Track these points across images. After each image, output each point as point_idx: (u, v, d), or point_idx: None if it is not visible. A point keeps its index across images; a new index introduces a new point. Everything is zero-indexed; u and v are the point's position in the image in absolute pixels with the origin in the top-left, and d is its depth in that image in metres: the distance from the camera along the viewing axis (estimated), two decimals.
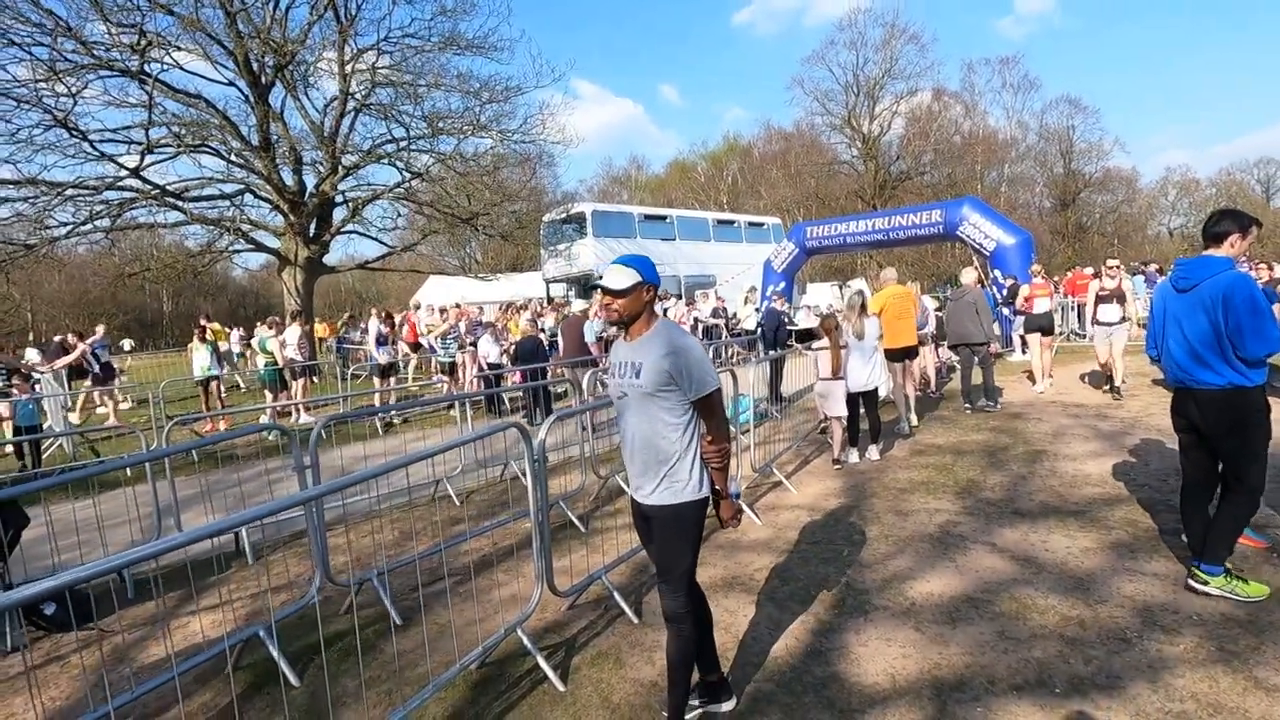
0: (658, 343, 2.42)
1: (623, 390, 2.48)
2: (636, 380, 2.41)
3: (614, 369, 2.54)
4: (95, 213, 13.59)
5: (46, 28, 12.06)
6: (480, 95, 16.48)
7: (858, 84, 45.05)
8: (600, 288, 2.41)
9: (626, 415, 2.50)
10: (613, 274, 2.40)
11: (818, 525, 4.92)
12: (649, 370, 2.39)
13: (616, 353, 2.56)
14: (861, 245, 19.09)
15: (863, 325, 6.51)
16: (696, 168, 57.03)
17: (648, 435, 2.45)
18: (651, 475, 2.47)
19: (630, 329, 2.47)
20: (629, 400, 2.47)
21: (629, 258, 2.46)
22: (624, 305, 2.41)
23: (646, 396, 2.41)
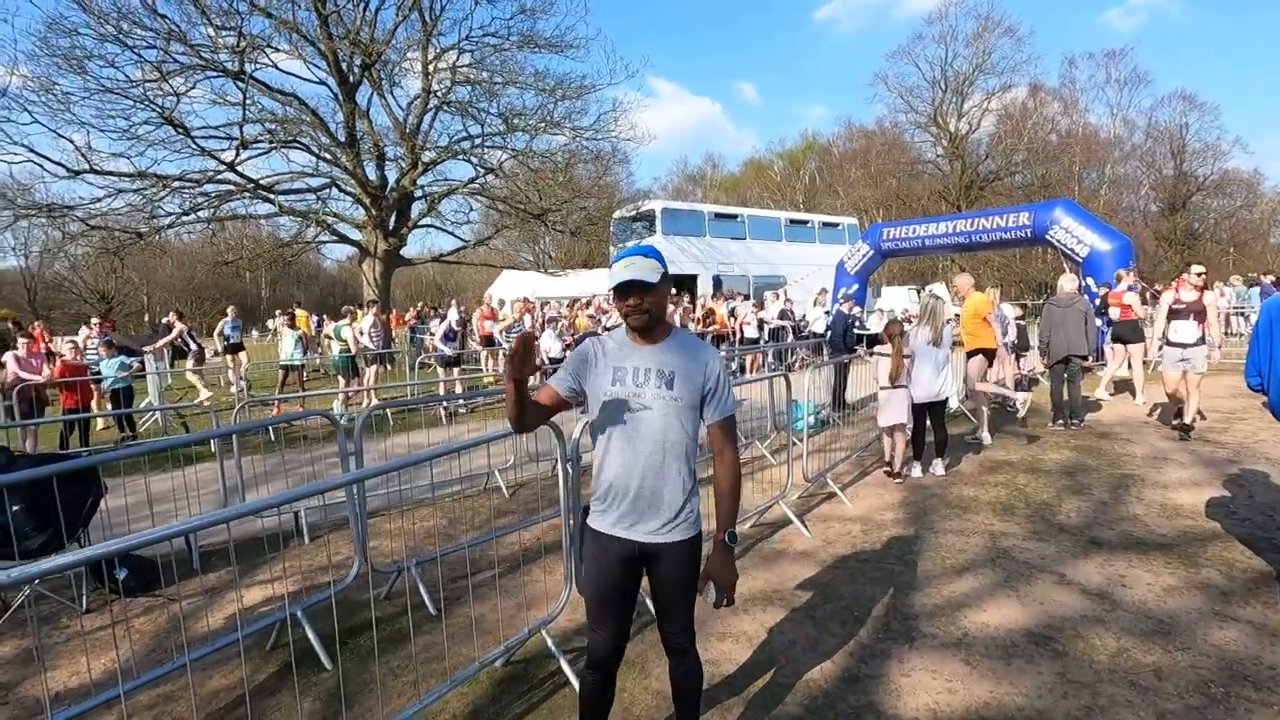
0: (689, 349, 2.13)
1: (643, 402, 2.07)
2: (668, 391, 2.06)
3: (624, 374, 2.10)
4: (197, 204, 14.56)
5: (159, 32, 13.00)
6: (554, 93, 16.69)
7: (946, 80, 43.18)
8: (624, 284, 2.01)
9: (638, 431, 2.07)
10: (638, 266, 2.02)
11: (869, 541, 4.67)
12: (685, 380, 2.07)
13: (624, 356, 2.13)
14: (941, 248, 18.23)
15: (937, 331, 6.16)
16: (773, 166, 56.12)
17: (676, 457, 2.09)
18: (668, 506, 2.09)
19: (651, 331, 2.11)
20: (650, 415, 2.07)
21: (647, 247, 2.12)
22: (656, 302, 2.05)
23: (681, 411, 2.07)
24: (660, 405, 2.07)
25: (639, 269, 2.02)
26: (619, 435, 2.10)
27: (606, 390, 2.11)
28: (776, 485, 5.66)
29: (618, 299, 2.07)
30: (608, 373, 2.13)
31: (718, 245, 21.56)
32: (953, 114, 43.71)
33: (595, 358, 2.16)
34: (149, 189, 13.80)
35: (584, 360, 2.18)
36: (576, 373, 2.16)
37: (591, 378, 2.15)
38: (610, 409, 2.11)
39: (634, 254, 2.07)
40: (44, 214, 14.04)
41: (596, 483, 2.17)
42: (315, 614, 3.50)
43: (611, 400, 2.10)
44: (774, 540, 4.76)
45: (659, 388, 2.07)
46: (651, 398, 2.07)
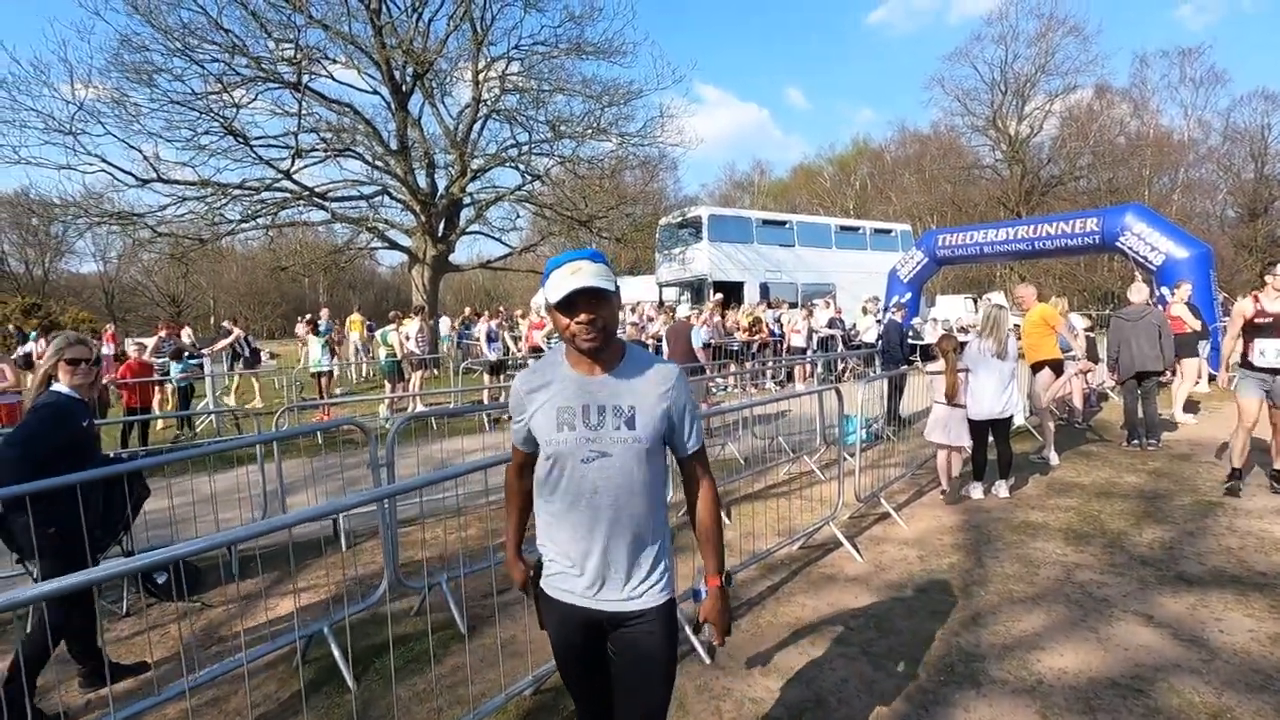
0: (648, 373, 1.73)
1: (599, 448, 1.67)
2: (629, 431, 1.67)
3: (572, 416, 1.69)
4: (256, 211, 15.02)
5: (222, 45, 13.47)
6: (601, 99, 16.68)
7: (1005, 82, 41.75)
8: (572, 295, 1.60)
9: (596, 487, 1.69)
10: (588, 271, 1.60)
11: (927, 568, 4.34)
12: (648, 415, 1.69)
13: (569, 391, 1.71)
14: (1001, 256, 17.46)
15: (1000, 342, 5.77)
16: (822, 172, 55.20)
17: (639, 510, 1.72)
18: (637, 566, 1.74)
19: (604, 354, 1.69)
20: (609, 465, 1.68)
21: (590, 250, 1.70)
22: (610, 317, 1.65)
23: (646, 453, 1.70)
24: (621, 450, 1.68)
25: (590, 274, 1.59)
26: (571, 494, 1.71)
27: (551, 439, 1.70)
28: (826, 504, 5.38)
29: (560, 314, 1.63)
30: (550, 415, 1.71)
31: (765, 252, 21.17)
32: (1013, 117, 42.20)
33: (532, 396, 1.75)
34: (211, 197, 14.30)
35: (519, 407, 1.79)
36: (524, 426, 1.80)
37: (532, 422, 1.75)
38: (558, 462, 1.71)
39: (577, 257, 1.66)
40: (115, 221, 14.70)
41: (546, 545, 1.82)
42: (344, 629, 3.40)
43: (559, 452, 1.69)
44: (823, 564, 4.48)
45: (618, 428, 1.68)
46: (610, 442, 1.67)
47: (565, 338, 1.67)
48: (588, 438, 1.68)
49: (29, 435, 3.00)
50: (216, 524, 5.15)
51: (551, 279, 1.64)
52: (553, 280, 1.63)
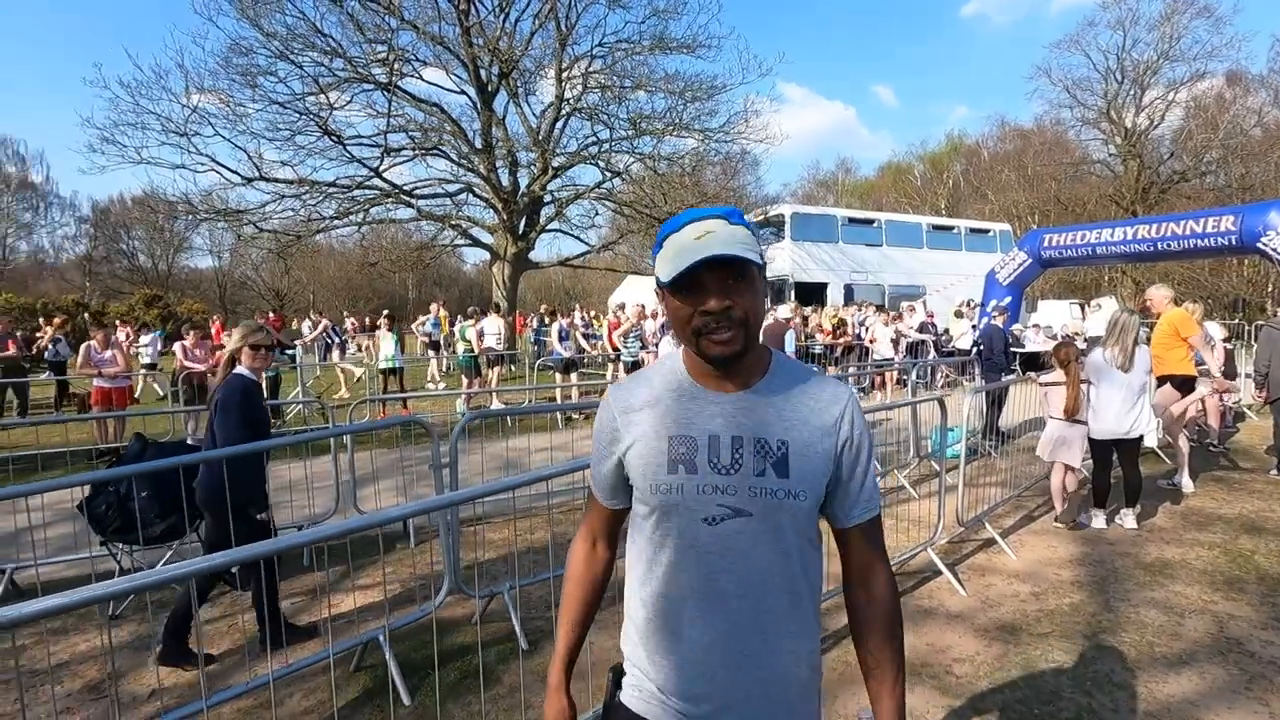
0: (811, 392, 1.17)
1: (732, 504, 1.11)
2: (779, 480, 1.10)
3: (691, 450, 1.13)
4: (347, 208, 15.60)
5: (321, 49, 14.03)
6: (684, 94, 16.38)
7: (1122, 70, 38.49)
8: (699, 267, 1.04)
9: (724, 565, 1.13)
10: (722, 237, 1.05)
11: (1043, 607, 3.81)
12: (806, 454, 1.12)
13: (686, 413, 1.15)
14: (1116, 257, 15.97)
15: (1130, 354, 5.09)
16: (912, 170, 52.84)
17: (796, 604, 1.16)
18: (785, 695, 1.16)
19: (741, 362, 1.13)
20: (745, 530, 1.11)
21: (729, 209, 1.14)
22: (752, 304, 1.09)
23: (802, 516, 1.13)
24: (767, 509, 1.11)
25: (726, 239, 1.05)
26: (681, 572, 1.14)
27: (658, 483, 1.13)
28: (921, 525, 4.88)
29: (677, 299, 1.09)
30: (657, 448, 1.14)
31: (851, 252, 20.29)
32: (1129, 108, 38.85)
33: (631, 419, 1.19)
34: (307, 194, 14.95)
35: (610, 435, 1.22)
36: (612, 465, 1.23)
37: (628, 458, 1.19)
38: (664, 520, 1.14)
39: (706, 215, 1.09)
40: (222, 218, 15.60)
41: (632, 653, 1.24)
42: (403, 636, 3.26)
43: (668, 504, 1.13)
44: (919, 595, 4.02)
45: (761, 473, 1.10)
46: (749, 495, 1.10)
47: (684, 336, 1.11)
48: (715, 485, 1.10)
49: (247, 413, 3.39)
50: (291, 512, 5.20)
51: (666, 247, 1.09)
52: (669, 248, 1.08)
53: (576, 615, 1.33)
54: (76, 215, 48.44)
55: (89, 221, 48.50)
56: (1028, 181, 41.81)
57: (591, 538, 1.34)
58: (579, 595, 1.33)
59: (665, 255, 1.10)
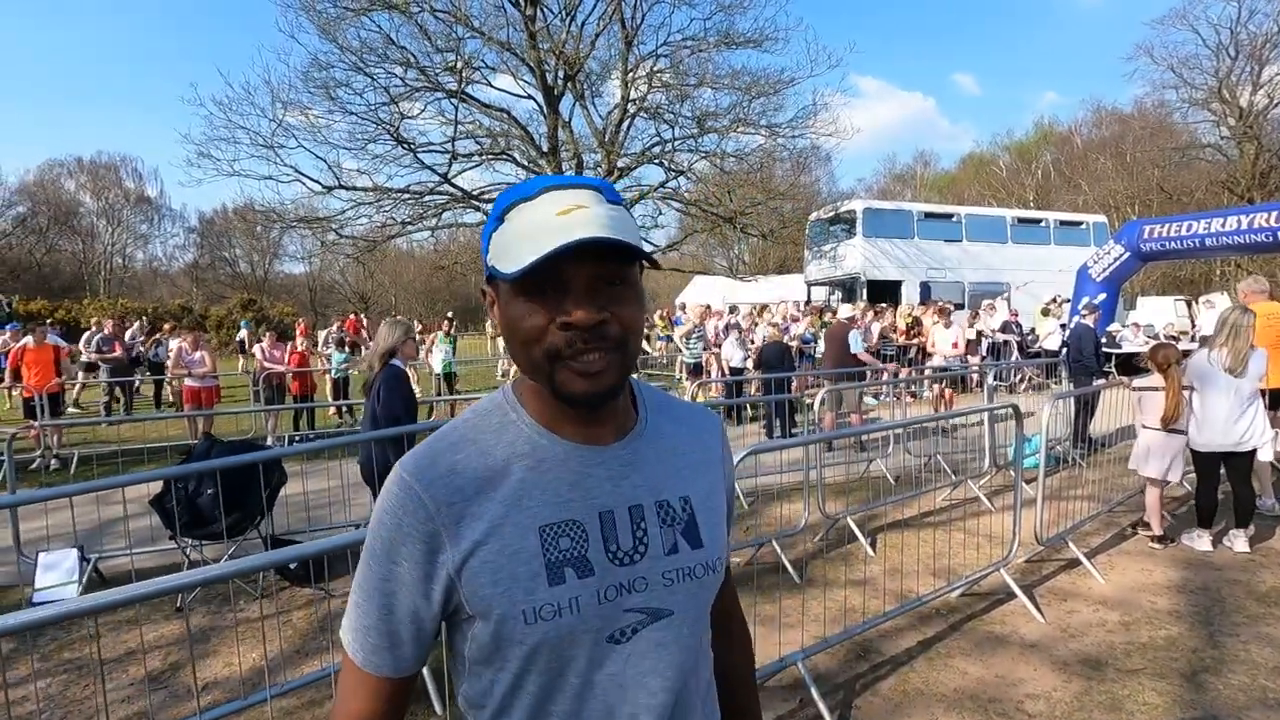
0: (686, 422, 0.92)
1: (640, 606, 0.79)
2: (693, 553, 0.84)
3: (563, 543, 0.76)
4: (419, 214, 16.12)
5: (395, 60, 14.53)
6: (750, 90, 16.05)
7: (1236, 44, 35.21)
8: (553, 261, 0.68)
9: (634, 688, 0.79)
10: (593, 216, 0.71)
11: (1134, 640, 3.42)
12: (709, 508, 0.88)
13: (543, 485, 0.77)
14: (1228, 249, 14.55)
15: (1243, 357, 4.56)
16: (997, 161, 50.17)
17: (708, 693, 0.92)
18: None
19: (613, 397, 0.78)
20: (667, 633, 0.81)
21: (598, 179, 0.80)
22: (630, 319, 0.76)
23: (711, 596, 0.88)
24: (686, 597, 0.83)
25: (603, 220, 0.71)
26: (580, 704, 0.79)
27: (538, 606, 0.74)
28: (996, 542, 4.52)
29: (529, 302, 0.73)
30: (528, 550, 0.75)
31: (927, 248, 19.37)
32: (1245, 86, 35.50)
33: (458, 520, 0.75)
34: (382, 201, 15.53)
35: (425, 545, 0.75)
36: (408, 592, 0.76)
37: (466, 585, 0.75)
38: (541, 660, 0.76)
39: (567, 183, 0.76)
40: (306, 225, 16.43)
41: None
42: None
43: (556, 635, 0.75)
44: (991, 619, 3.70)
45: (672, 549, 0.82)
46: (663, 584, 0.81)
47: (530, 360, 0.75)
48: (620, 583, 0.78)
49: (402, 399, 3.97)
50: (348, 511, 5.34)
51: (509, 222, 0.75)
52: (515, 223, 0.74)
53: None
54: (185, 226, 52.46)
55: (196, 231, 52.43)
56: (1127, 169, 38.95)
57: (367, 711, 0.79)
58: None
59: (509, 233, 0.74)
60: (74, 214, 47.06)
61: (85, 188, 47.87)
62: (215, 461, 4.10)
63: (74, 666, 3.45)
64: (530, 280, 0.71)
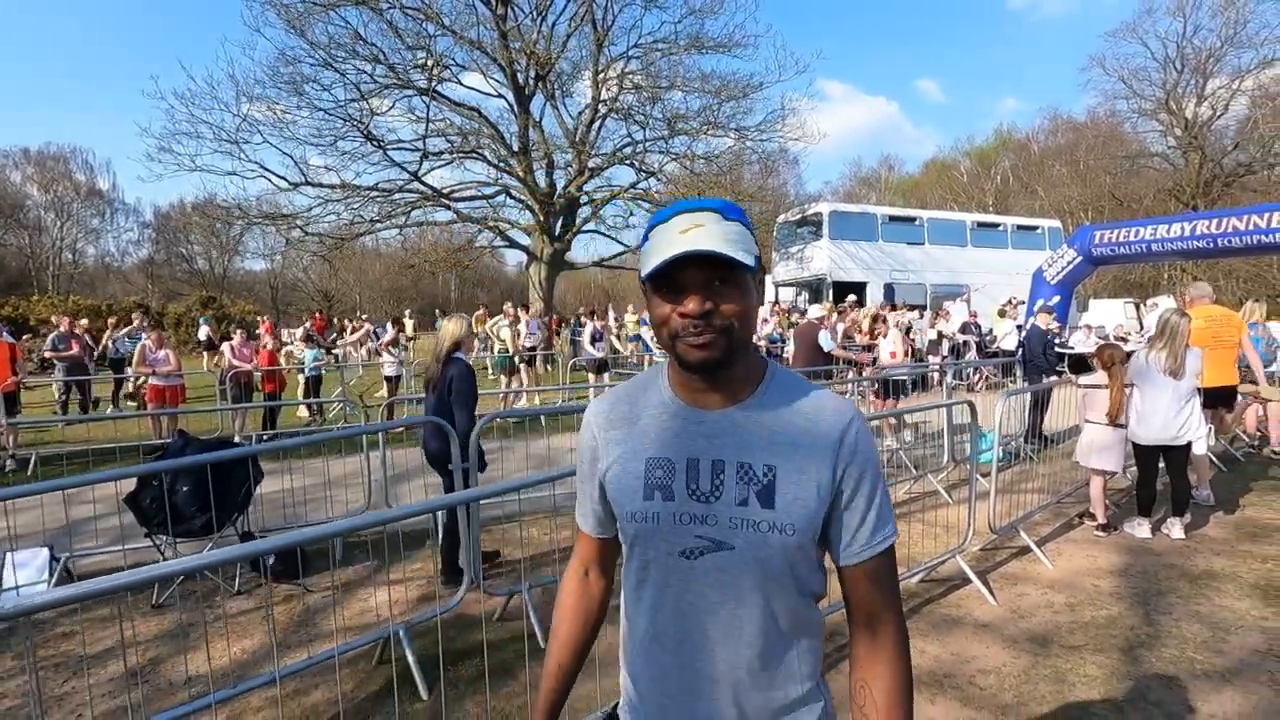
0: (806, 411, 1.03)
1: (710, 536, 1.00)
2: (762, 511, 0.98)
3: (666, 474, 1.03)
4: (389, 212, 15.99)
5: (364, 56, 14.40)
6: (720, 94, 16.31)
7: (1183, 58, 36.82)
8: (678, 263, 0.94)
9: (698, 604, 1.02)
10: (710, 233, 0.95)
11: (1079, 619, 3.67)
12: (797, 484, 0.99)
13: (665, 433, 1.06)
14: (1172, 254, 15.30)
15: (1180, 358, 4.88)
16: (958, 166, 51.51)
17: (784, 649, 1.03)
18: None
19: (728, 372, 1.02)
20: (725, 565, 1.00)
21: (723, 202, 1.01)
22: (743, 311, 0.98)
23: (792, 551, 0.99)
24: (746, 542, 0.99)
25: (714, 235, 0.94)
26: (656, 608, 1.05)
27: (633, 509, 1.05)
28: (954, 533, 4.76)
29: (659, 297, 0.99)
30: (635, 471, 1.05)
31: (891, 250, 19.90)
32: (1190, 98, 37.11)
33: (608, 443, 1.10)
34: (350, 198, 15.37)
35: (591, 455, 1.14)
36: (594, 488, 1.14)
37: (608, 480, 1.10)
38: (641, 551, 1.06)
39: (696, 207, 0.98)
40: (270, 222, 16.17)
41: (624, 680, 1.16)
42: (423, 631, 3.33)
43: (644, 533, 1.04)
44: (947, 603, 3.92)
45: (743, 502, 0.99)
46: (730, 526, 0.99)
47: (663, 340, 1.00)
48: (694, 514, 1.00)
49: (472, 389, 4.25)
50: (329, 508, 5.35)
51: (651, 239, 1.00)
52: (653, 240, 0.99)
53: (564, 655, 1.20)
54: (140, 221, 50.84)
55: (151, 226, 50.83)
56: (1080, 176, 40.39)
57: (583, 568, 1.22)
58: (568, 631, 1.21)
59: (649, 249, 0.99)
60: (20, 207, 45.23)
61: (32, 180, 46.06)
62: (193, 458, 4.10)
63: (50, 664, 3.44)
64: (659, 280, 0.98)
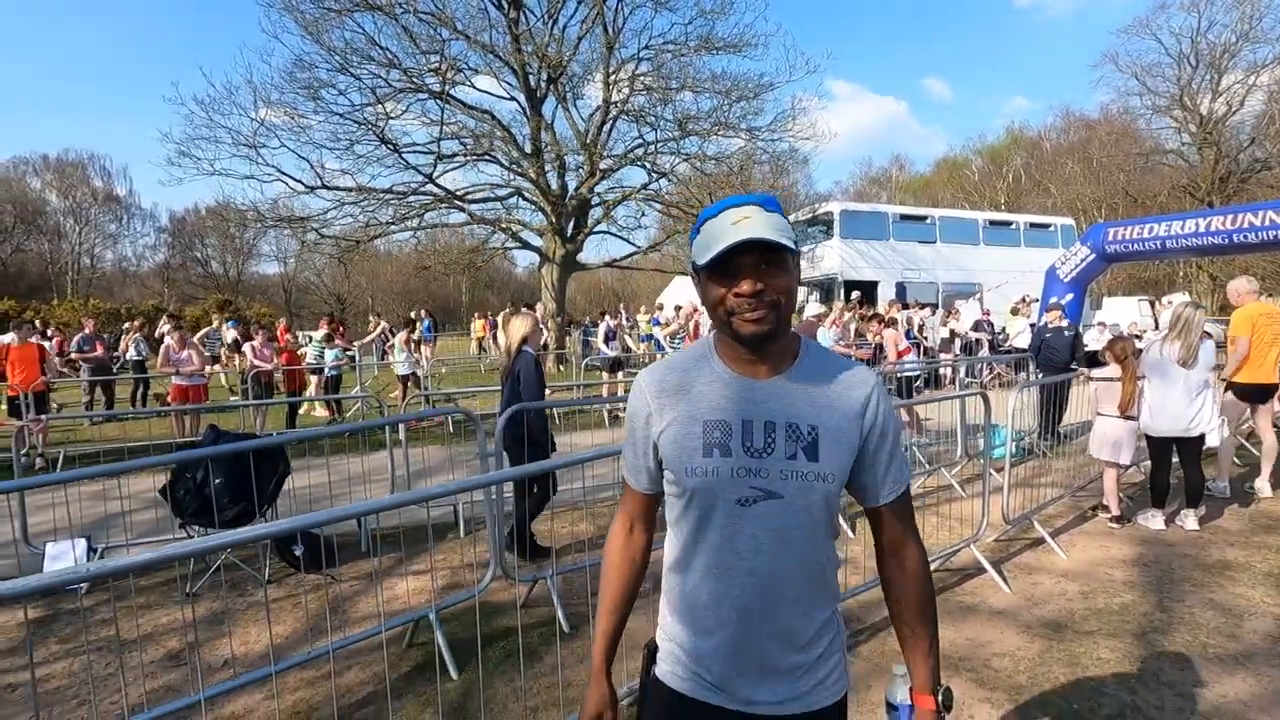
0: (839, 378, 1.22)
1: (764, 486, 1.16)
2: (810, 463, 1.16)
3: (725, 435, 1.18)
4: (403, 214, 16.17)
5: (379, 61, 14.60)
6: (730, 94, 16.37)
7: (1197, 54, 36.48)
8: (736, 250, 1.09)
9: (751, 543, 1.18)
10: (758, 221, 1.10)
11: (1092, 606, 3.73)
12: (836, 439, 1.18)
13: (719, 398, 1.20)
14: (1187, 251, 15.18)
15: (1190, 348, 4.91)
16: (970, 165, 51.27)
17: (816, 576, 1.23)
18: (803, 658, 1.22)
19: (774, 345, 1.18)
20: (775, 510, 1.17)
21: (765, 196, 1.18)
22: (788, 289, 1.14)
23: (829, 497, 1.19)
24: (798, 491, 1.16)
25: (762, 224, 1.10)
26: (718, 552, 1.20)
27: (693, 466, 1.18)
28: (968, 524, 4.81)
29: (713, 282, 1.14)
30: (692, 432, 1.19)
31: (903, 249, 19.89)
32: (1205, 93, 36.77)
33: (664, 402, 1.23)
34: (365, 201, 15.57)
35: (644, 418, 1.26)
36: (646, 448, 1.28)
37: (662, 441, 1.24)
38: (700, 503, 1.20)
39: (743, 202, 1.14)
40: (287, 225, 16.40)
41: (669, 616, 1.31)
42: (453, 615, 3.43)
43: (703, 486, 1.18)
44: (962, 591, 3.98)
45: (792, 456, 1.16)
46: (780, 477, 1.16)
47: (719, 319, 1.16)
48: (749, 468, 1.16)
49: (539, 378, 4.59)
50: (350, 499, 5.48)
51: (704, 232, 1.16)
52: (706, 232, 1.15)
53: (616, 599, 1.35)
54: (156, 225, 51.56)
55: (167, 231, 51.51)
56: (1093, 174, 40.10)
57: (629, 522, 1.37)
58: (618, 578, 1.35)
59: (703, 240, 1.15)
60: (40, 213, 46.01)
61: (51, 186, 46.84)
62: (228, 446, 4.24)
63: (93, 648, 3.58)
64: (716, 266, 1.12)
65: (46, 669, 3.34)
